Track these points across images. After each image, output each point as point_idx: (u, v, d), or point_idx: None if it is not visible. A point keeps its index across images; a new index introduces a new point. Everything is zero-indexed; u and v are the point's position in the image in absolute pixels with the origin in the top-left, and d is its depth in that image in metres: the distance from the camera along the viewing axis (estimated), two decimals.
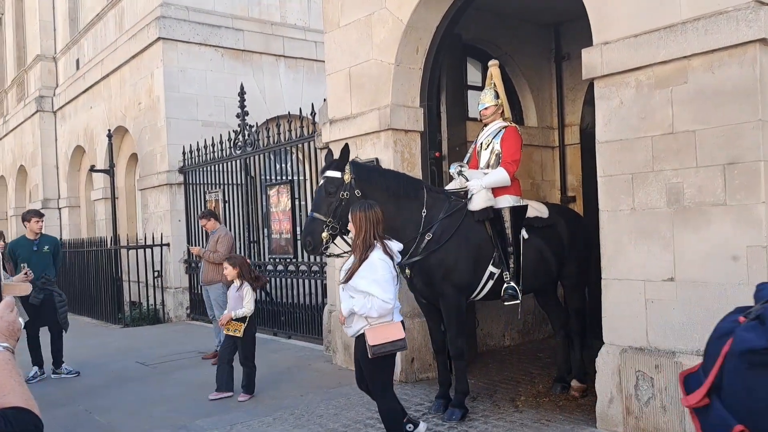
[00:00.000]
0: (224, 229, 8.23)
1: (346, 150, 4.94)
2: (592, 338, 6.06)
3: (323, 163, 7.43)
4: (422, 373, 6.36)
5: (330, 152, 5.13)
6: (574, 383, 5.63)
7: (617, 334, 4.48)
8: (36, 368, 7.35)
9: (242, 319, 5.99)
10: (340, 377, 6.42)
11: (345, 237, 4.99)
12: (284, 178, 9.58)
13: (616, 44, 4.35)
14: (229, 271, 6.17)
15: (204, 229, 8.36)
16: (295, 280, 8.77)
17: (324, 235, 4.75)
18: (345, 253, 5.11)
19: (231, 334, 6.03)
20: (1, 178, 21.57)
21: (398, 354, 6.24)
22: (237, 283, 6.15)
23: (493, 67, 5.56)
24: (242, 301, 6.03)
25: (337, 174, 4.83)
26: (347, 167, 4.85)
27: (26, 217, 7.77)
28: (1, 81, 21.77)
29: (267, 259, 9.55)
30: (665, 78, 4.17)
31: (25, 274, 6.17)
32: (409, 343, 6.25)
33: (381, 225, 4.08)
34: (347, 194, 4.79)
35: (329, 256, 5.18)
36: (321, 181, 4.95)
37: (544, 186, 8.27)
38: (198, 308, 11.19)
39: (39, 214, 7.77)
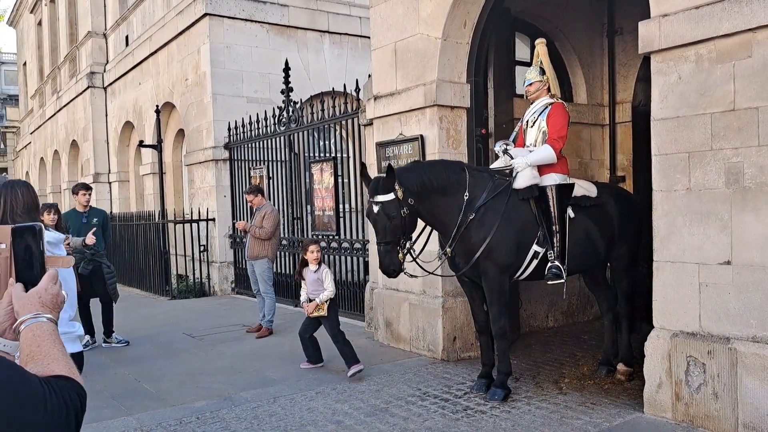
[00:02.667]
0: (270, 206, 8.28)
1: (390, 168, 4.76)
2: (640, 322, 5.93)
3: (366, 141, 7.44)
4: (464, 352, 6.32)
5: (364, 170, 5.06)
6: (621, 367, 5.52)
7: (668, 318, 4.35)
8: (88, 337, 7.57)
9: (325, 300, 5.88)
10: (381, 354, 6.43)
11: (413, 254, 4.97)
12: (327, 154, 9.58)
13: (675, 16, 4.16)
14: (316, 255, 5.98)
15: (250, 204, 8.42)
16: (337, 257, 8.80)
17: (400, 256, 4.79)
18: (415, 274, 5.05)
19: (316, 315, 5.88)
20: (55, 152, 22.20)
21: (440, 332, 6.28)
22: (314, 266, 5.98)
23: (540, 45, 5.40)
24: (322, 283, 5.89)
25: (390, 196, 4.68)
26: (396, 184, 4.70)
27: (75, 190, 7.97)
28: (55, 57, 22.30)
29: (310, 236, 9.59)
30: (727, 52, 3.97)
31: (68, 244, 6.29)
32: (450, 322, 6.27)
33: (23, 205, 2.99)
34: (406, 210, 4.73)
35: (408, 275, 5.02)
36: (375, 207, 4.73)
37: (592, 165, 8.06)
38: (242, 282, 11.35)
39: (86, 187, 7.94)
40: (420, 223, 5.08)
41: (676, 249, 4.28)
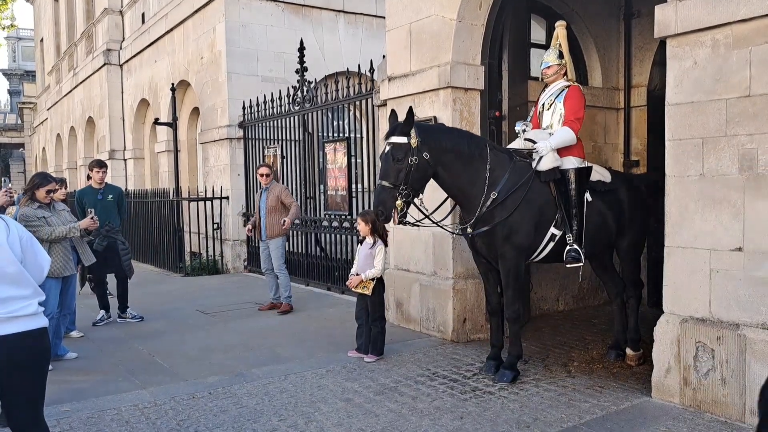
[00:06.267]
0: (279, 184, 8.39)
1: (410, 113, 4.78)
2: (647, 306, 5.95)
3: (380, 122, 7.44)
4: (474, 334, 6.37)
5: (394, 114, 4.99)
6: (629, 351, 5.54)
7: (678, 303, 4.36)
8: (103, 312, 7.70)
9: (371, 278, 5.71)
10: (391, 334, 6.47)
11: (418, 205, 4.93)
12: (341, 134, 9.59)
13: (692, 0, 4.11)
14: (362, 227, 5.77)
15: (261, 181, 8.31)
16: (349, 237, 8.85)
17: (398, 203, 4.68)
18: (419, 222, 5.02)
19: (360, 291, 5.73)
20: (71, 128, 22.36)
21: (450, 313, 6.33)
22: (370, 240, 5.77)
23: (560, 28, 5.38)
24: (373, 259, 5.70)
25: (402, 139, 4.69)
26: (412, 131, 4.72)
27: (90, 166, 8.05)
28: (72, 34, 22.36)
29: (322, 215, 9.66)
30: (744, 37, 3.93)
31: (92, 218, 6.39)
32: (461, 303, 6.31)
33: None
34: (416, 159, 4.69)
35: (406, 224, 4.96)
36: (386, 148, 4.77)
37: (606, 149, 8.02)
38: (255, 260, 11.42)
39: (100, 164, 8.00)
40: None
41: (688, 235, 4.27)
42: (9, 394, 2.98)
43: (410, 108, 4.88)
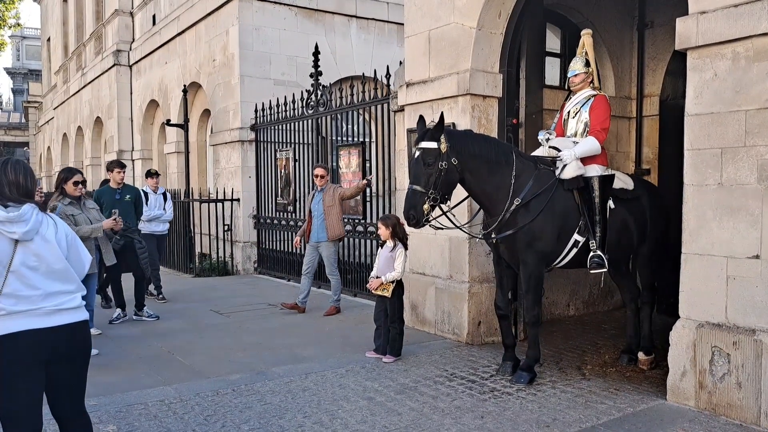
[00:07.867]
0: (334, 184, 8.40)
1: (441, 119, 4.92)
2: (659, 312, 6.05)
3: (396, 127, 7.56)
4: (488, 337, 6.47)
5: (422, 120, 5.11)
6: (641, 356, 5.64)
7: (694, 308, 4.46)
8: (119, 310, 7.79)
9: (391, 281, 5.83)
10: (406, 336, 6.56)
11: (445, 210, 5.08)
12: (355, 139, 9.69)
13: (713, 14, 4.24)
14: (383, 231, 5.93)
15: (317, 182, 8.15)
16: (362, 240, 8.96)
17: (426, 207, 4.81)
18: (443, 224, 5.13)
19: (380, 294, 5.85)
20: (78, 128, 22.47)
21: (465, 316, 6.43)
22: (390, 244, 5.91)
23: (586, 36, 5.52)
24: (393, 262, 5.83)
25: (433, 145, 4.82)
26: (442, 136, 4.84)
27: (110, 167, 8.15)
28: (81, 34, 22.49)
29: None
30: (765, 50, 4.05)
31: (115, 219, 6.50)
32: (476, 306, 6.42)
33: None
34: (445, 164, 4.81)
35: (434, 227, 5.09)
36: (416, 153, 4.90)
37: (618, 157, 8.13)
38: (265, 262, 11.56)
39: (121, 165, 8.14)
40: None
41: (705, 242, 4.38)
42: (55, 385, 3.09)
43: (441, 114, 5.02)
